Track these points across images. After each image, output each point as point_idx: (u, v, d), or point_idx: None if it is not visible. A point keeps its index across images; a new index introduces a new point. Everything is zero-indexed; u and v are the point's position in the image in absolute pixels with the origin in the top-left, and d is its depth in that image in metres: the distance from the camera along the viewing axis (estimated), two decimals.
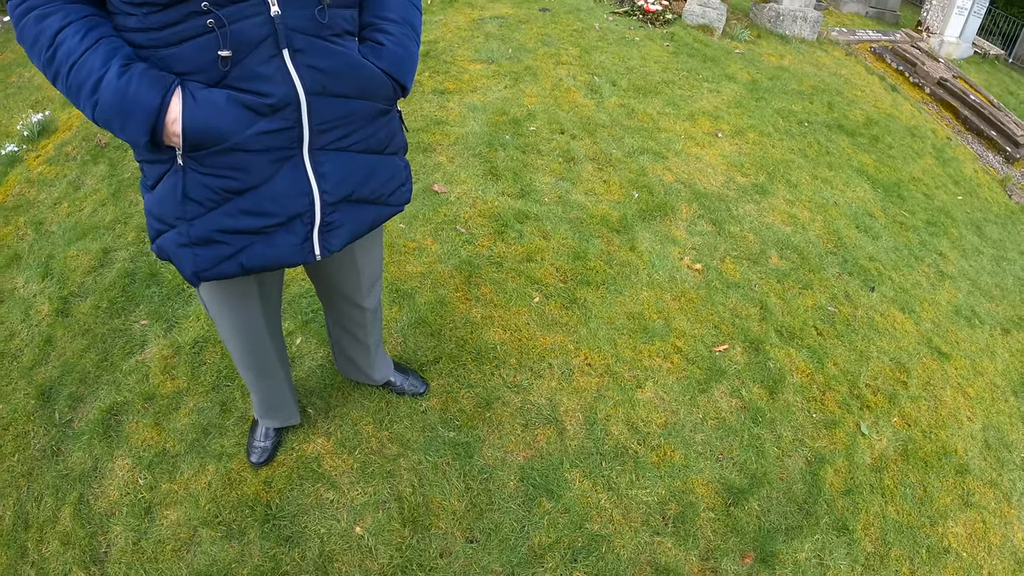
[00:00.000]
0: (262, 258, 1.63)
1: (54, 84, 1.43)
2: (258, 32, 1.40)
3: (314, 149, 1.57)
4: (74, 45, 1.38)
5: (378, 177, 1.75)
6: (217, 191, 1.52)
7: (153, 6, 1.36)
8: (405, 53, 1.66)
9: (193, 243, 1.58)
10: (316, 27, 1.47)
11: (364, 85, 1.59)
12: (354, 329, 2.39)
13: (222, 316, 1.97)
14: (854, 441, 2.95)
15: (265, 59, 1.42)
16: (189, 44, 1.40)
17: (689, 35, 6.75)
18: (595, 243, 3.60)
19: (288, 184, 1.57)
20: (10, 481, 2.56)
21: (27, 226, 3.87)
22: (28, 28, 1.40)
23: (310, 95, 1.49)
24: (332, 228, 1.69)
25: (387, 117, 1.73)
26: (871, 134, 5.79)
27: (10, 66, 6.66)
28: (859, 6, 10.71)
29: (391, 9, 1.65)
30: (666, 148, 4.61)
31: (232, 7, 1.36)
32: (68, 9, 1.40)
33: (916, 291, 4.01)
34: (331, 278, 2.16)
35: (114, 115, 1.40)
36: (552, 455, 2.61)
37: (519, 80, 5.24)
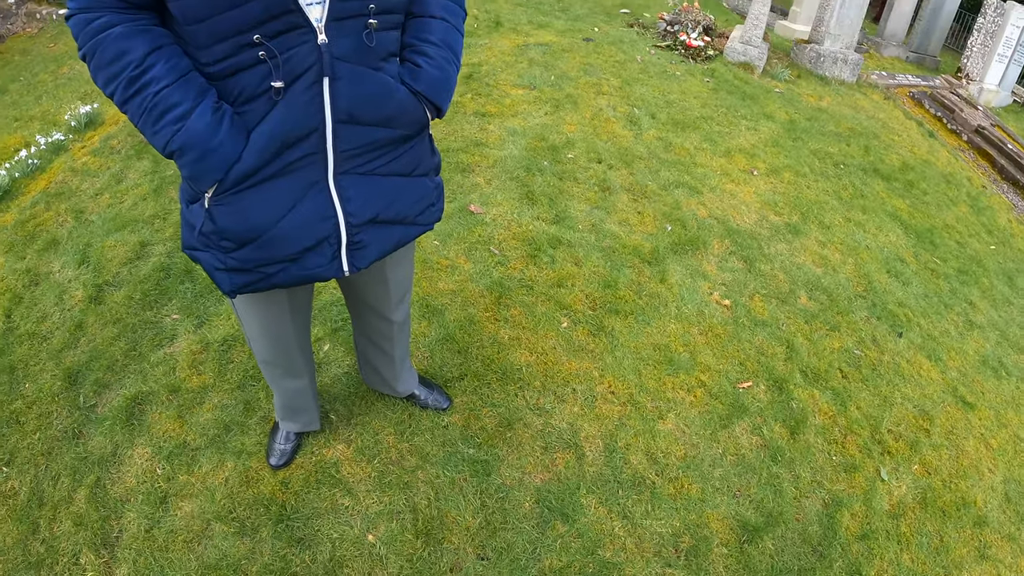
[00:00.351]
0: (294, 277, 1.70)
1: (126, 101, 1.44)
2: (305, 62, 1.45)
3: (339, 174, 1.62)
4: (165, 70, 1.42)
5: (404, 199, 1.79)
6: (246, 229, 1.58)
7: (210, 44, 1.41)
8: (443, 76, 1.69)
9: (229, 269, 1.65)
10: (361, 54, 1.52)
11: (393, 114, 1.63)
12: (381, 341, 2.43)
13: (250, 319, 2.03)
14: (873, 486, 2.96)
15: (305, 88, 1.47)
16: (240, 76, 1.45)
17: (730, 72, 6.80)
18: (626, 273, 3.65)
19: (314, 210, 1.62)
20: (29, 458, 2.64)
21: (67, 213, 3.99)
22: (108, 44, 1.40)
23: (336, 123, 1.54)
24: (359, 247, 1.74)
25: (413, 142, 1.77)
26: (906, 179, 5.80)
27: (62, 57, 6.85)
28: (900, 50, 10.70)
29: (433, 32, 1.69)
30: (701, 183, 4.66)
31: (283, 37, 1.42)
32: (156, 33, 1.44)
33: (944, 339, 4.01)
34: (360, 290, 2.21)
35: (195, 147, 1.45)
36: (570, 479, 2.64)
37: (560, 107, 5.32)
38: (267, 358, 2.19)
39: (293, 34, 1.42)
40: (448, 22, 1.72)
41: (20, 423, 2.77)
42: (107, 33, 1.40)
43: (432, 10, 1.70)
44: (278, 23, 1.39)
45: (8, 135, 5.27)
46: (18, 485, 2.55)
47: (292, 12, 1.39)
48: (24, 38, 7.65)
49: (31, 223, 3.94)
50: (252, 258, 1.62)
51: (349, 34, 1.48)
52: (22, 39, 7.64)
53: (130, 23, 1.41)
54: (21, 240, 3.81)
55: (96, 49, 1.41)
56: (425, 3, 1.69)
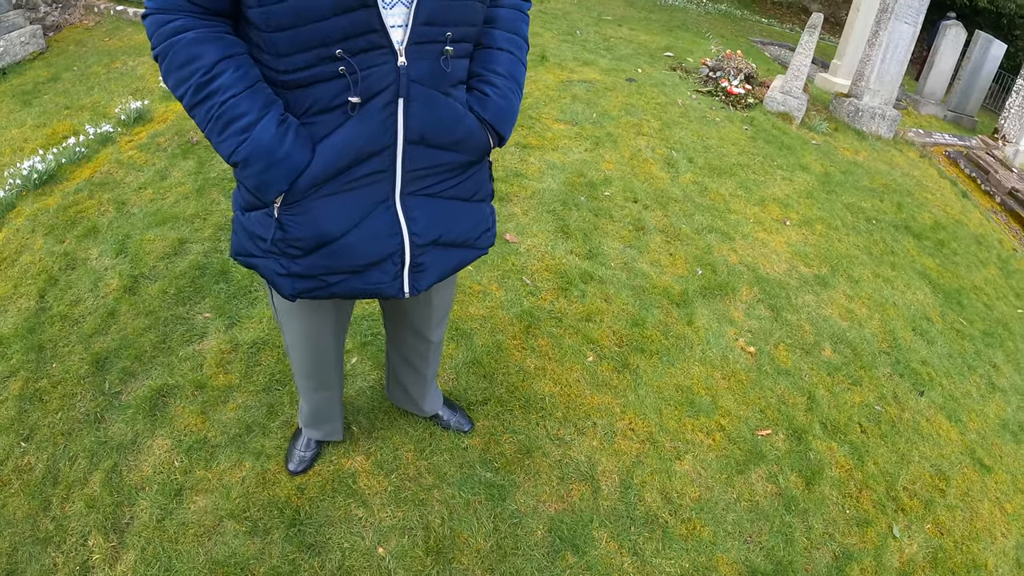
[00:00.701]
0: (354, 290, 1.73)
1: (193, 107, 1.48)
2: (383, 81, 1.49)
3: (405, 194, 1.67)
4: (233, 79, 1.44)
5: (465, 223, 1.83)
6: (313, 239, 1.62)
7: (289, 52, 1.44)
8: (508, 106, 1.75)
9: (292, 275, 1.69)
10: (436, 78, 1.57)
11: (461, 138, 1.68)
12: (415, 360, 2.47)
13: (292, 325, 2.06)
14: (885, 542, 2.97)
15: (381, 107, 1.52)
16: (316, 88, 1.49)
17: (768, 121, 6.85)
18: (654, 313, 3.70)
19: (380, 228, 1.66)
20: (49, 436, 2.70)
21: (110, 203, 4.09)
22: (180, 48, 1.43)
23: (407, 143, 1.59)
24: (421, 270, 1.78)
25: (476, 168, 1.82)
26: (937, 238, 5.80)
27: (116, 52, 6.97)
28: (937, 109, 10.72)
29: (499, 63, 1.74)
30: (734, 229, 4.71)
31: (364, 55, 1.46)
32: (228, 41, 1.47)
33: (965, 400, 4.01)
34: (403, 310, 2.25)
35: (259, 159, 1.48)
36: (583, 512, 2.66)
37: (599, 145, 5.40)
38: (303, 367, 2.23)
39: (374, 53, 1.46)
40: (514, 55, 1.78)
41: (43, 401, 2.85)
42: (181, 37, 1.43)
43: (499, 43, 1.75)
44: (361, 40, 1.44)
45: (58, 122, 5.40)
46: (35, 461, 2.62)
47: (376, 32, 1.44)
48: (80, 29, 7.81)
49: (73, 209, 4.05)
50: (317, 265, 1.66)
51: (427, 58, 1.53)
52: (78, 30, 7.80)
53: (204, 29, 1.45)
54: (62, 224, 3.91)
55: (168, 51, 1.44)
56: (493, 36, 1.74)
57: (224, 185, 4.30)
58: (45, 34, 7.39)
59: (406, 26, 1.47)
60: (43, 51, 7.18)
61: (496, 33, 1.75)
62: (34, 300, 3.36)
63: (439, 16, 1.51)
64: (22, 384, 2.92)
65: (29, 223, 3.95)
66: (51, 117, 5.55)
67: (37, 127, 5.37)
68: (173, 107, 5.40)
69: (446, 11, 1.52)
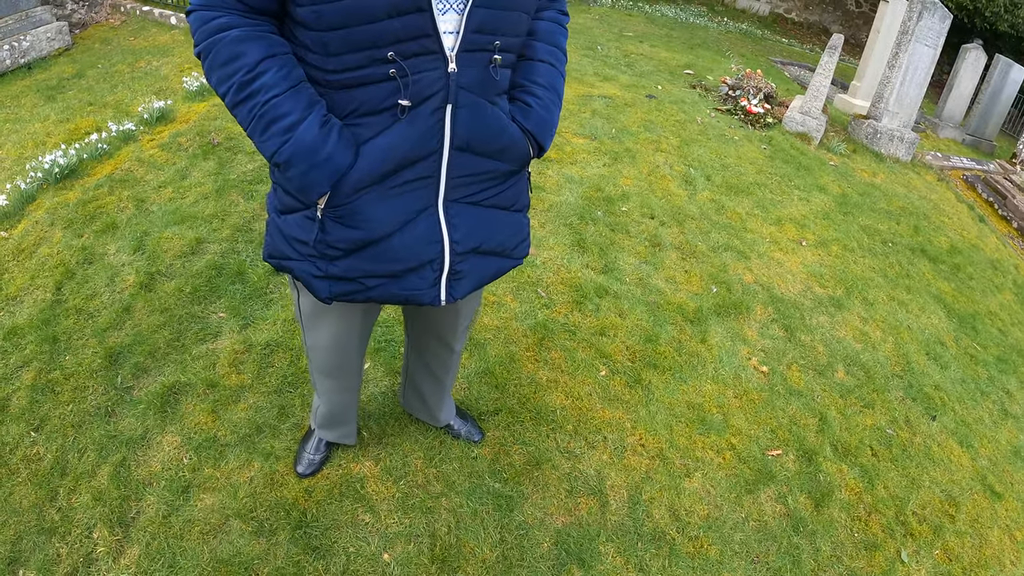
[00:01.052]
0: (391, 295, 1.74)
1: (235, 105, 1.47)
2: (432, 86, 1.50)
3: (448, 201, 1.67)
4: (276, 79, 1.44)
5: (504, 231, 1.84)
6: (355, 241, 1.62)
7: (340, 52, 1.44)
8: (549, 117, 1.76)
9: (329, 277, 1.69)
10: (483, 86, 1.58)
11: (505, 147, 1.69)
12: (437, 368, 2.48)
13: (319, 326, 2.06)
14: (892, 567, 2.95)
15: (430, 112, 1.52)
16: (365, 89, 1.49)
17: (787, 141, 6.85)
18: (668, 329, 3.70)
19: (422, 233, 1.66)
20: (59, 428, 2.72)
21: (129, 200, 4.13)
22: (223, 46, 1.43)
23: (454, 149, 1.59)
24: (459, 277, 1.78)
25: (517, 177, 1.82)
26: (953, 262, 5.78)
27: (140, 51, 7.04)
28: (956, 132, 10.67)
29: (540, 75, 1.76)
30: (750, 248, 4.70)
31: (416, 59, 1.46)
32: (272, 40, 1.47)
33: (977, 426, 3.99)
34: (429, 317, 2.26)
35: (302, 159, 1.48)
36: (591, 526, 2.66)
37: (618, 160, 5.41)
38: (326, 370, 2.23)
39: (426, 58, 1.47)
40: (554, 67, 1.79)
41: (55, 392, 2.87)
42: (225, 34, 1.43)
43: (540, 55, 1.77)
44: (414, 44, 1.44)
45: (81, 118, 5.45)
46: (43, 451, 2.64)
47: (429, 36, 1.44)
48: (106, 28, 7.88)
49: (92, 204, 4.08)
50: (356, 268, 1.67)
51: (476, 66, 1.54)
52: (104, 28, 7.87)
53: (248, 27, 1.45)
54: (81, 219, 3.95)
55: (212, 49, 1.44)
56: (534, 48, 1.76)
57: (244, 187, 4.32)
58: (71, 31, 7.46)
59: (457, 33, 1.48)
60: (69, 48, 7.25)
61: (537, 45, 1.77)
62: (50, 292, 3.39)
63: (489, 24, 1.52)
64: (35, 375, 2.95)
65: (49, 216, 3.99)
66: (74, 113, 5.60)
67: (60, 122, 5.41)
68: (195, 108, 5.45)
69: (496, 20, 1.53)
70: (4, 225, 3.96)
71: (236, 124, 4.91)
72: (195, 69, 6.36)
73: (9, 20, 6.69)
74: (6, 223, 3.98)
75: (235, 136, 4.97)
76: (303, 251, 1.68)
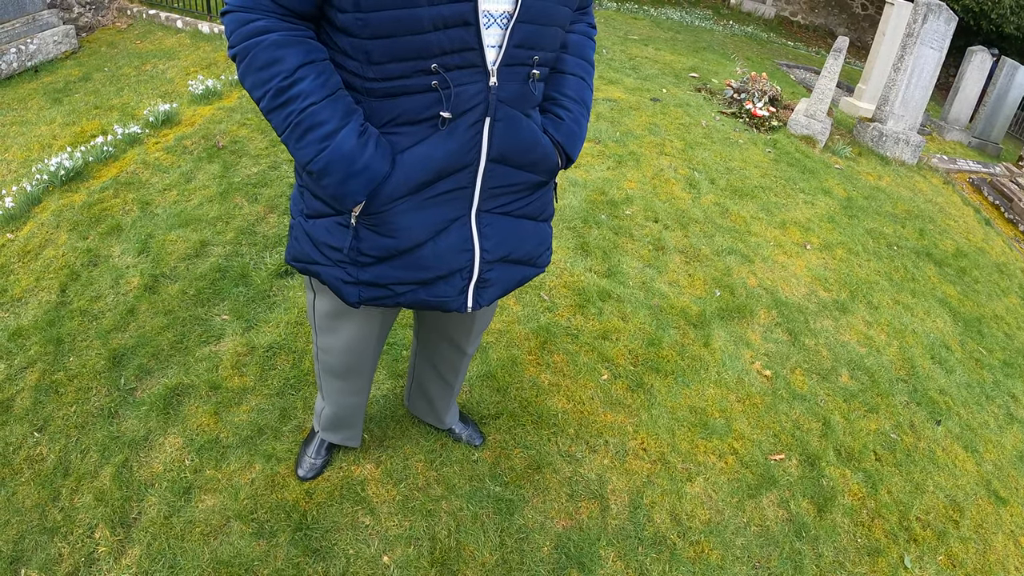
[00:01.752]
0: (420, 301, 1.75)
1: (271, 111, 1.46)
2: (473, 99, 1.51)
3: (481, 212, 1.69)
4: (314, 86, 1.43)
5: (531, 241, 1.86)
6: (388, 249, 1.63)
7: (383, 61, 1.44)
8: (578, 129, 1.79)
9: (359, 283, 1.70)
10: (521, 99, 1.60)
11: (537, 159, 1.70)
12: (446, 371, 2.48)
13: (337, 329, 2.06)
14: (895, 573, 2.93)
15: (469, 124, 1.53)
16: (405, 99, 1.50)
17: (792, 144, 6.84)
18: (671, 333, 3.69)
19: (454, 242, 1.68)
20: (62, 428, 2.73)
21: (134, 203, 4.15)
22: (262, 50, 1.41)
23: (490, 161, 1.61)
24: (487, 285, 1.80)
25: (546, 188, 1.85)
26: (959, 266, 5.76)
27: (146, 55, 7.07)
28: (962, 135, 10.65)
29: (571, 88, 1.78)
30: (754, 252, 4.70)
31: (458, 72, 1.47)
32: (310, 46, 1.46)
33: (982, 431, 3.97)
34: (443, 322, 2.26)
35: (339, 169, 1.47)
36: (591, 530, 2.65)
37: (622, 163, 5.41)
38: (340, 372, 2.22)
39: (468, 71, 1.48)
40: (583, 80, 1.82)
41: (59, 393, 2.89)
42: (263, 38, 1.42)
43: (571, 68, 1.79)
44: (457, 57, 1.45)
45: (87, 121, 5.47)
46: (47, 452, 2.65)
47: (473, 50, 1.46)
48: (113, 31, 7.91)
49: (98, 207, 4.10)
50: (387, 275, 1.68)
51: (515, 80, 1.56)
52: (111, 32, 7.90)
53: (287, 32, 1.43)
54: (86, 221, 3.96)
55: (249, 52, 1.43)
56: (565, 61, 1.78)
57: (248, 190, 4.34)
58: (78, 34, 7.49)
59: (500, 47, 1.50)
60: (75, 51, 7.27)
61: (568, 58, 1.79)
62: (55, 294, 3.40)
63: (530, 39, 1.54)
64: (39, 375, 2.96)
65: (54, 218, 4.00)
66: (80, 116, 5.62)
67: (66, 125, 5.43)
68: (201, 111, 5.46)
69: (537, 35, 1.55)
70: (10, 227, 3.97)
71: (241, 128, 4.94)
72: (201, 72, 6.38)
73: (16, 23, 6.72)
74: (12, 225, 3.99)
75: (240, 139, 4.98)
76: (334, 257, 1.68)
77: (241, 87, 5.95)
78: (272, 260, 3.70)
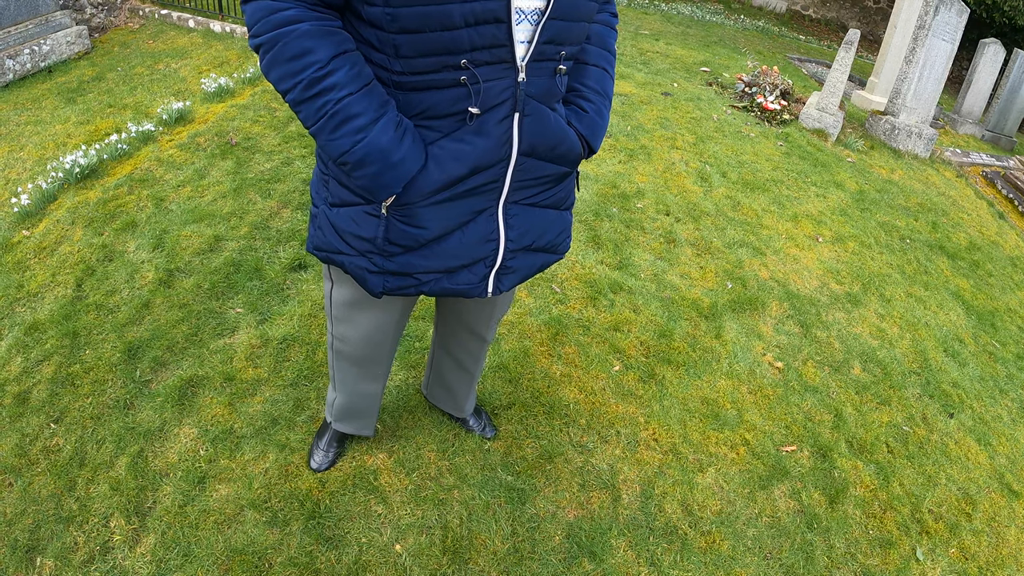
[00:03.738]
0: (443, 289, 1.77)
1: (302, 102, 1.44)
2: (501, 95, 1.51)
3: (508, 203, 1.70)
4: (348, 77, 1.42)
5: (554, 229, 1.88)
6: (416, 239, 1.64)
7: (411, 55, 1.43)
8: (601, 121, 1.80)
9: (385, 273, 1.71)
10: (547, 94, 1.60)
11: (563, 151, 1.71)
12: (466, 359, 2.50)
13: (356, 318, 2.06)
14: (907, 565, 2.93)
15: (498, 120, 1.53)
16: (435, 93, 1.49)
17: (803, 138, 6.82)
18: (682, 325, 3.70)
19: (481, 233, 1.70)
20: (78, 420, 2.77)
21: (148, 199, 4.18)
22: (292, 40, 1.38)
23: (520, 155, 1.61)
24: (508, 272, 1.82)
25: (570, 178, 1.86)
26: (972, 259, 5.73)
27: (159, 55, 7.09)
28: (975, 128, 10.57)
29: (593, 79, 1.79)
30: (765, 245, 4.69)
31: (488, 67, 1.46)
32: (342, 37, 1.44)
33: (995, 424, 3.96)
34: (462, 309, 2.28)
35: (376, 161, 1.47)
36: (602, 519, 2.67)
37: (633, 157, 5.41)
38: (358, 361, 2.22)
39: (497, 67, 1.47)
40: (605, 71, 1.83)
41: (75, 385, 2.92)
42: (293, 28, 1.38)
43: (593, 59, 1.79)
44: (487, 53, 1.44)
45: (101, 119, 5.49)
46: (63, 442, 2.68)
47: (503, 46, 1.45)
48: (125, 31, 7.94)
49: (113, 203, 4.13)
50: (413, 264, 1.69)
51: (543, 75, 1.56)
52: (123, 32, 7.93)
53: (318, 22, 1.41)
54: (101, 217, 4.00)
55: (277, 42, 1.39)
56: (588, 52, 1.79)
57: (261, 186, 4.36)
58: (91, 35, 7.53)
59: (530, 43, 1.49)
60: (88, 51, 7.31)
61: (590, 49, 1.79)
62: (71, 289, 3.43)
63: (560, 35, 1.53)
64: (55, 368, 2.99)
65: (69, 215, 4.04)
66: (94, 115, 5.65)
67: (80, 123, 5.47)
68: (213, 109, 5.49)
69: (566, 31, 1.54)
70: (26, 224, 4.01)
71: (254, 125, 4.96)
72: (213, 70, 6.41)
73: (29, 24, 6.76)
74: (28, 222, 4.03)
75: (252, 136, 5.01)
76: (360, 247, 1.69)
77: (253, 85, 5.98)
78: (285, 254, 3.72)
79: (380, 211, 1.62)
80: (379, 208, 1.62)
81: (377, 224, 1.64)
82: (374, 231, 1.64)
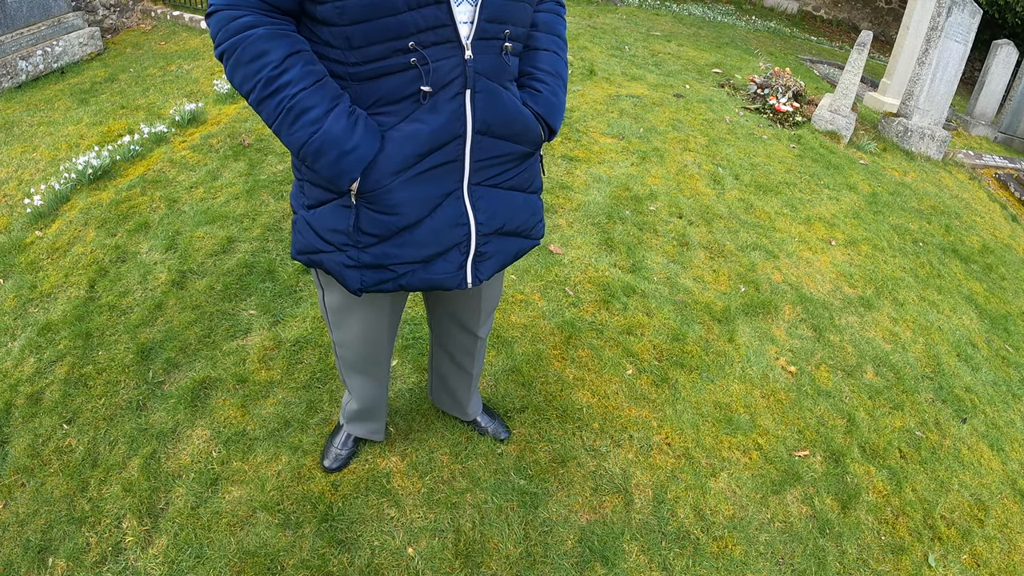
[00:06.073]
0: (421, 281, 1.81)
1: (262, 100, 1.53)
2: (451, 73, 1.59)
3: (472, 185, 1.76)
4: (302, 74, 1.51)
5: (522, 212, 1.94)
6: (388, 227, 1.70)
7: (360, 45, 1.53)
8: (557, 101, 1.87)
9: (362, 266, 1.76)
10: (497, 71, 1.68)
11: (520, 130, 1.78)
12: (462, 357, 2.51)
13: (348, 322, 2.13)
14: (919, 571, 2.91)
15: (450, 97, 1.61)
16: (388, 80, 1.58)
17: (816, 140, 6.79)
18: (695, 328, 3.69)
19: (449, 217, 1.75)
20: (91, 421, 2.78)
21: (161, 200, 4.20)
22: (250, 43, 1.48)
23: (476, 133, 1.68)
24: (484, 259, 1.87)
25: (532, 159, 1.92)
26: (985, 262, 5.70)
27: (171, 56, 7.13)
28: (988, 130, 10.51)
29: (545, 62, 1.87)
30: (779, 248, 4.68)
31: (435, 48, 1.55)
32: (295, 38, 1.54)
33: (1008, 429, 3.94)
34: (452, 306, 2.31)
35: (331, 149, 1.55)
36: (615, 524, 2.66)
37: (646, 159, 5.40)
38: (356, 363, 2.28)
39: (444, 46, 1.56)
40: (557, 54, 1.91)
41: (88, 386, 2.94)
42: (250, 33, 1.49)
43: (543, 44, 1.88)
44: (432, 34, 1.54)
45: (114, 120, 5.52)
46: (75, 443, 2.70)
47: (447, 26, 1.55)
48: (137, 33, 7.98)
49: (125, 204, 4.16)
50: (388, 254, 1.74)
51: (490, 53, 1.64)
52: (135, 34, 7.97)
53: (272, 25, 1.51)
54: (114, 218, 4.02)
55: (237, 47, 1.49)
56: (537, 38, 1.87)
57: (274, 188, 4.37)
58: (103, 36, 7.57)
59: (472, 22, 1.58)
60: (101, 52, 7.35)
61: (539, 35, 1.88)
62: (84, 290, 3.45)
63: (500, 14, 1.63)
64: (68, 369, 3.01)
65: (82, 216, 4.05)
66: (107, 116, 5.68)
67: (93, 125, 5.49)
68: (226, 110, 5.51)
69: (506, 10, 1.64)
70: (39, 224, 4.03)
71: (266, 126, 4.96)
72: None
73: (41, 26, 6.80)
74: (41, 223, 4.05)
75: (265, 138, 5.02)
76: (337, 241, 1.75)
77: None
78: None
79: (351, 201, 1.68)
80: (349, 199, 1.68)
81: (349, 214, 1.70)
82: (347, 221, 1.71)
